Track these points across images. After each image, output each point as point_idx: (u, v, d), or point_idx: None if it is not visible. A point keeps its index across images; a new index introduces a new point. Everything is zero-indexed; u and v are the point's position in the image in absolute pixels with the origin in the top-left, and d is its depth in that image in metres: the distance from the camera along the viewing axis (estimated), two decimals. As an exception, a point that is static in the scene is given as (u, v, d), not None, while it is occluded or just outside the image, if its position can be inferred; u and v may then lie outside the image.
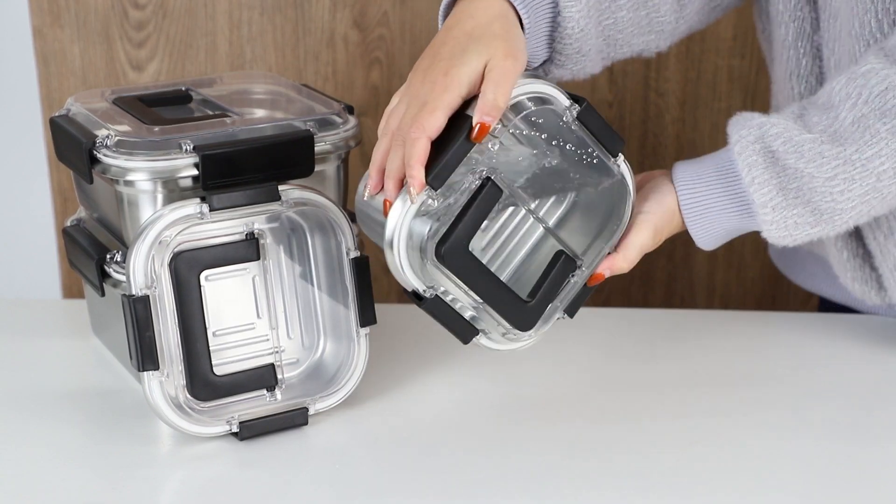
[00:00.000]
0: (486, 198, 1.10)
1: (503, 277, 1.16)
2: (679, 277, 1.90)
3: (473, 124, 1.07)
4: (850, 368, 1.32)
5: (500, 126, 1.09)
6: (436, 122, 1.06)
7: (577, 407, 1.25)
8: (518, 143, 1.14)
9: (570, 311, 1.19)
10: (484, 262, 1.14)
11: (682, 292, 1.89)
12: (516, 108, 1.11)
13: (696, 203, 1.19)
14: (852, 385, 1.29)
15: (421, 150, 1.06)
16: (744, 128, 1.18)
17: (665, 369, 1.32)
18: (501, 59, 1.09)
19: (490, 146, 1.10)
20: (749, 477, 1.13)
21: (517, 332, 1.15)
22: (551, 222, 1.19)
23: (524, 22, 1.15)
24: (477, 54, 1.09)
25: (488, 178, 1.10)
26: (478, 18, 1.12)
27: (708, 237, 1.21)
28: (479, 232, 1.11)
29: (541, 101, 1.12)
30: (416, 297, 1.11)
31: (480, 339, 1.15)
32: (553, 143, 1.14)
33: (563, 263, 1.16)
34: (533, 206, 1.18)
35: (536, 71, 1.24)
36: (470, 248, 1.11)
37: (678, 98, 1.79)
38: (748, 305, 1.89)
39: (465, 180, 1.10)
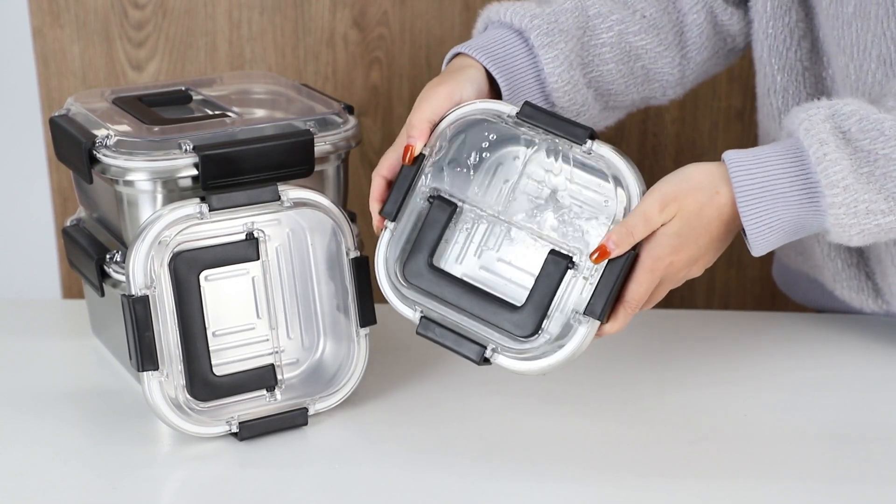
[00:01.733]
0: (437, 213, 1.14)
1: (516, 295, 1.14)
2: (679, 277, 1.89)
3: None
4: (850, 368, 1.32)
5: (429, 146, 1.15)
6: (384, 162, 1.16)
7: (577, 406, 1.25)
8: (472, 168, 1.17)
9: (594, 310, 1.08)
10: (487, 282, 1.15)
11: (682, 292, 1.89)
12: (454, 128, 1.15)
13: (751, 185, 1.07)
14: (852, 385, 1.29)
15: (374, 189, 1.15)
16: (811, 108, 1.09)
17: (665, 369, 1.32)
18: (426, 91, 1.16)
19: (427, 166, 1.15)
20: (749, 477, 1.13)
21: (525, 343, 1.12)
22: (545, 229, 1.16)
23: (498, 79, 1.20)
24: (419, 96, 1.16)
25: (434, 196, 1.14)
26: (442, 74, 1.19)
27: (762, 230, 1.08)
28: (473, 254, 1.16)
29: (482, 120, 1.15)
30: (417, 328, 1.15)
31: (499, 358, 1.11)
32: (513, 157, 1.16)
33: (552, 261, 1.12)
34: (520, 217, 1.16)
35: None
36: (442, 266, 1.14)
37: (678, 98, 1.78)
38: (748, 305, 1.89)
39: (417, 204, 1.15)
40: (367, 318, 1.22)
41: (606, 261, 1.08)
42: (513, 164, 1.16)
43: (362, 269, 1.22)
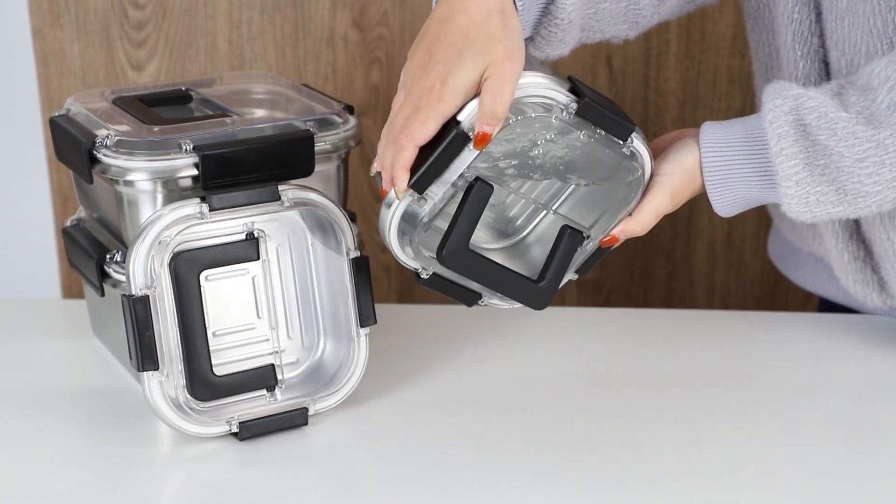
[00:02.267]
0: (477, 198, 1.11)
1: (514, 260, 1.17)
2: (679, 277, 1.90)
3: (475, 132, 1.07)
4: (850, 368, 1.32)
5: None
6: (425, 132, 1.07)
7: (577, 406, 1.25)
8: (515, 137, 1.14)
9: (582, 270, 1.18)
10: (491, 246, 1.16)
11: (682, 292, 1.89)
12: (514, 111, 1.10)
13: (718, 168, 1.17)
14: (852, 385, 1.29)
15: (406, 158, 1.08)
16: (779, 97, 1.16)
17: (665, 369, 1.32)
18: (499, 65, 1.07)
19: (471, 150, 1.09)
20: (749, 477, 1.13)
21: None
22: (557, 203, 1.19)
23: (518, 7, 1.12)
24: (472, 61, 1.08)
25: (476, 179, 1.10)
26: (472, 14, 1.10)
27: (726, 204, 1.19)
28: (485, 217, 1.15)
29: (540, 105, 1.11)
30: (416, 275, 1.15)
31: (490, 301, 1.16)
32: (550, 136, 1.15)
33: (569, 238, 1.15)
34: (536, 191, 1.19)
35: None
36: (471, 245, 1.12)
37: (678, 98, 1.79)
38: (748, 305, 1.89)
39: (456, 182, 1.10)
40: (367, 317, 1.22)
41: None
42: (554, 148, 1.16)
43: (362, 268, 1.22)
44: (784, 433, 1.20)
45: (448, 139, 1.08)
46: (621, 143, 1.13)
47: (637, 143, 1.14)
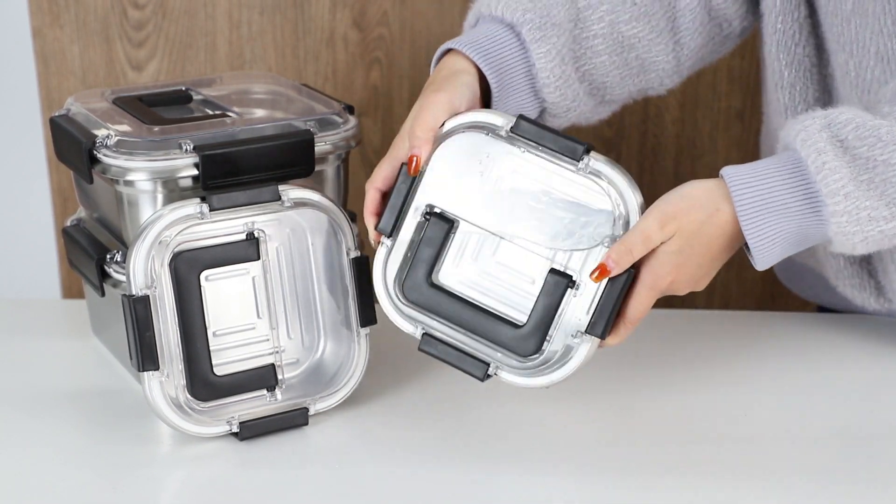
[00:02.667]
0: (434, 230, 1.14)
1: (521, 312, 1.14)
2: (679, 277, 1.89)
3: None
4: (850, 368, 1.32)
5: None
6: (382, 174, 1.16)
7: (576, 407, 1.24)
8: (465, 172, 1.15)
9: (595, 328, 1.10)
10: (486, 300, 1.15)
11: (682, 292, 1.89)
12: (450, 140, 1.14)
13: (752, 199, 1.07)
14: (852, 385, 1.29)
15: (369, 203, 1.16)
16: (806, 119, 1.09)
17: (665, 369, 1.32)
18: (423, 99, 1.15)
19: (421, 180, 1.14)
20: (749, 476, 1.13)
21: (528, 361, 1.13)
22: (542, 246, 1.15)
23: (488, 76, 1.18)
24: (416, 104, 1.16)
25: (430, 212, 1.14)
26: (434, 76, 1.19)
27: (764, 243, 1.08)
28: (471, 259, 1.15)
29: (477, 127, 1.14)
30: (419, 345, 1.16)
31: (502, 374, 1.13)
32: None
33: (552, 280, 1.12)
34: (514, 232, 1.15)
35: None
36: (442, 283, 1.14)
37: (678, 98, 1.78)
38: (748, 305, 1.89)
39: (413, 217, 1.15)
40: (367, 317, 1.22)
41: (607, 279, 1.09)
42: (509, 174, 1.14)
43: (362, 268, 1.22)
44: (784, 433, 1.20)
45: (398, 180, 1.15)
46: (574, 162, 1.11)
47: (600, 163, 1.11)
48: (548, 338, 1.13)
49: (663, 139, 1.81)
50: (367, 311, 1.22)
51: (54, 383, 1.29)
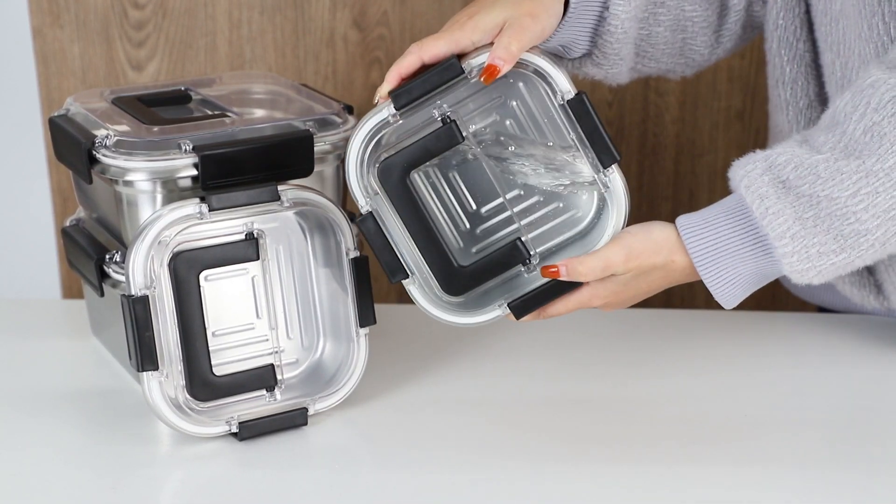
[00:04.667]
0: (442, 136, 1.12)
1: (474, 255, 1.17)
2: (679, 277, 1.89)
3: (485, 64, 1.10)
4: (850, 368, 1.32)
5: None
6: (434, 48, 1.12)
7: (577, 406, 1.24)
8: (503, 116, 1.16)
9: (518, 309, 1.14)
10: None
11: (682, 292, 1.89)
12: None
13: (705, 248, 1.12)
14: (852, 385, 1.29)
15: (405, 63, 1.12)
16: (748, 164, 1.12)
17: (665, 369, 1.32)
18: (522, 16, 1.12)
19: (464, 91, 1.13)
20: (749, 476, 1.13)
21: (445, 295, 1.15)
22: (522, 214, 1.17)
23: (570, 4, 1.18)
24: (502, 9, 1.13)
25: (452, 120, 1.12)
26: None
27: (725, 286, 1.12)
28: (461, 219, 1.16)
29: (540, 75, 1.13)
30: (356, 216, 1.14)
31: (411, 287, 1.15)
32: (538, 128, 1.16)
33: (512, 248, 1.14)
34: (509, 194, 1.17)
35: (573, 63, 1.26)
36: (416, 186, 1.13)
37: (678, 98, 1.78)
38: (748, 305, 1.88)
39: (431, 115, 1.13)
40: (366, 317, 1.22)
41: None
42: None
43: (362, 268, 1.22)
44: (784, 433, 1.20)
45: (444, 64, 1.11)
46: (601, 168, 1.13)
47: (617, 177, 1.13)
48: (474, 291, 1.15)
49: (663, 139, 1.81)
50: (367, 311, 1.22)
51: (54, 383, 1.29)
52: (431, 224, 1.14)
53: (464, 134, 1.13)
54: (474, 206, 1.18)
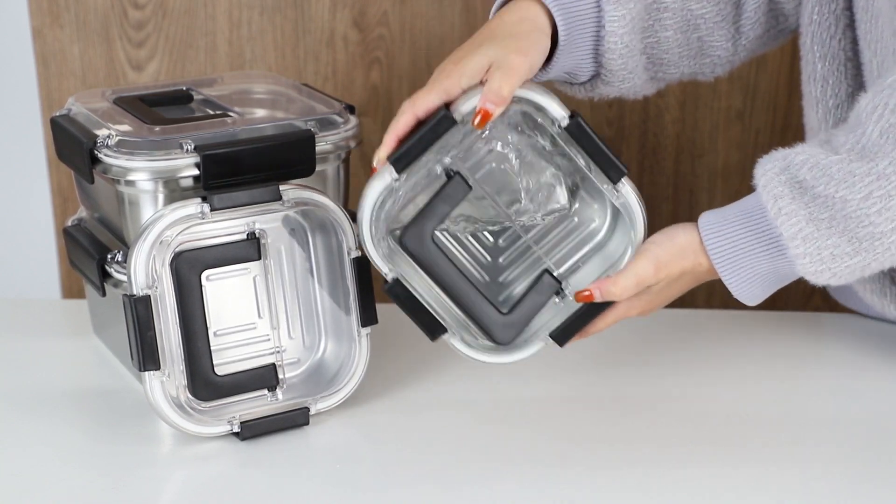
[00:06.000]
0: (455, 190, 1.12)
1: (505, 300, 1.17)
2: (679, 277, 1.90)
3: (476, 110, 1.09)
4: (850, 368, 1.32)
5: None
6: (426, 103, 1.11)
7: (577, 406, 1.25)
8: (509, 155, 1.16)
9: (560, 338, 1.15)
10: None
11: (681, 292, 1.89)
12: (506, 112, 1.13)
13: (722, 248, 1.12)
14: (852, 384, 1.29)
15: (401, 124, 1.11)
16: (768, 162, 1.12)
17: (665, 369, 1.32)
18: (510, 55, 1.11)
19: (463, 139, 1.13)
20: (749, 476, 1.13)
21: (491, 343, 1.15)
22: (542, 244, 1.19)
23: (560, 29, 1.17)
24: (487, 49, 1.12)
25: (456, 172, 1.12)
26: (506, 19, 1.15)
27: (744, 285, 1.13)
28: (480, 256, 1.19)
29: (535, 107, 1.13)
30: (384, 284, 1.14)
31: (454, 341, 1.15)
32: (544, 159, 1.16)
33: (545, 283, 1.15)
34: (524, 222, 1.18)
35: (579, 88, 1.26)
36: (450, 252, 1.16)
37: (678, 98, 1.78)
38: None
39: (433, 170, 1.13)
40: (368, 317, 1.22)
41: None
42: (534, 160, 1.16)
43: (363, 268, 1.22)
44: (784, 433, 1.20)
45: (435, 118, 1.10)
46: (611, 183, 1.13)
47: (628, 188, 1.14)
48: (524, 332, 1.16)
49: (663, 139, 1.81)
50: (368, 310, 1.22)
51: (55, 383, 1.29)
52: (467, 280, 1.14)
53: (469, 182, 1.13)
54: (489, 258, 1.20)
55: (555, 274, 1.16)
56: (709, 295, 1.90)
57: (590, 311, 1.14)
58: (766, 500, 1.10)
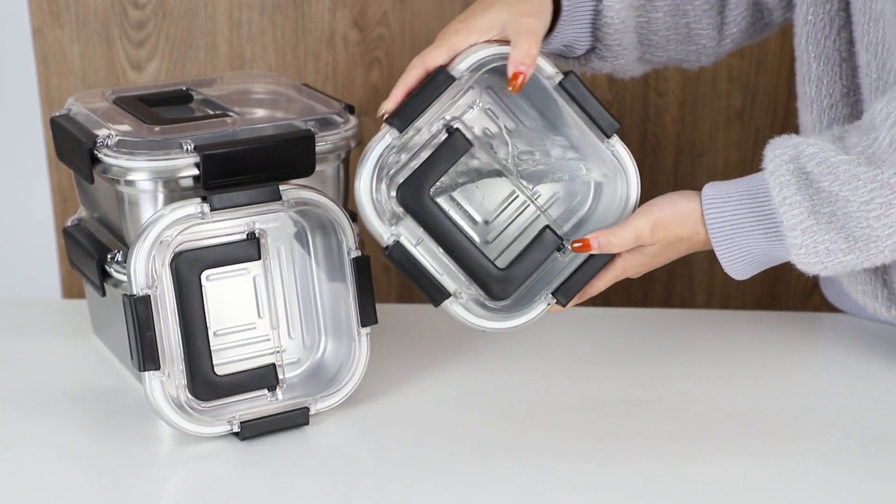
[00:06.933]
0: (452, 147, 1.14)
1: (499, 258, 1.17)
2: (679, 277, 1.90)
3: (510, 75, 1.12)
4: (850, 368, 1.32)
5: (468, 74, 1.14)
6: (436, 58, 1.14)
7: (577, 406, 1.25)
8: (499, 111, 1.18)
9: (563, 296, 1.17)
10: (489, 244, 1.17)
11: (681, 292, 1.89)
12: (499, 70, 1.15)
13: (722, 223, 1.14)
14: (852, 384, 1.29)
15: (410, 78, 1.14)
16: (779, 147, 1.13)
17: (665, 369, 1.32)
18: (522, 17, 1.14)
19: (459, 99, 1.15)
20: (749, 475, 1.13)
21: (493, 302, 1.16)
22: (542, 200, 1.20)
23: (563, 3, 1.20)
24: (497, 11, 1.15)
25: (456, 129, 1.14)
26: None
27: (735, 261, 1.15)
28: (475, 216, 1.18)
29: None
30: (384, 250, 1.15)
31: (454, 307, 1.15)
32: (539, 114, 1.18)
33: (546, 238, 1.16)
34: (523, 182, 1.19)
35: (574, 62, 1.29)
36: (446, 210, 1.15)
37: (678, 98, 1.79)
38: (748, 305, 1.89)
39: (432, 128, 1.15)
40: (368, 317, 1.22)
41: (587, 254, 1.16)
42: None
43: (363, 268, 1.22)
44: (784, 433, 1.20)
45: (434, 76, 1.13)
46: (605, 136, 1.15)
47: (619, 147, 1.16)
48: (522, 288, 1.17)
49: (663, 139, 1.81)
50: (368, 310, 1.22)
51: (54, 383, 1.29)
52: (464, 236, 1.15)
53: (470, 140, 1.14)
54: (480, 219, 1.20)
55: (552, 227, 1.17)
56: (708, 295, 1.90)
57: (588, 269, 1.16)
58: (765, 498, 1.10)
